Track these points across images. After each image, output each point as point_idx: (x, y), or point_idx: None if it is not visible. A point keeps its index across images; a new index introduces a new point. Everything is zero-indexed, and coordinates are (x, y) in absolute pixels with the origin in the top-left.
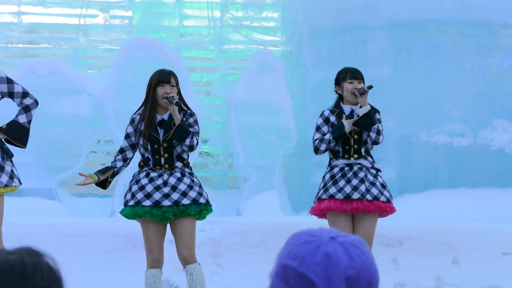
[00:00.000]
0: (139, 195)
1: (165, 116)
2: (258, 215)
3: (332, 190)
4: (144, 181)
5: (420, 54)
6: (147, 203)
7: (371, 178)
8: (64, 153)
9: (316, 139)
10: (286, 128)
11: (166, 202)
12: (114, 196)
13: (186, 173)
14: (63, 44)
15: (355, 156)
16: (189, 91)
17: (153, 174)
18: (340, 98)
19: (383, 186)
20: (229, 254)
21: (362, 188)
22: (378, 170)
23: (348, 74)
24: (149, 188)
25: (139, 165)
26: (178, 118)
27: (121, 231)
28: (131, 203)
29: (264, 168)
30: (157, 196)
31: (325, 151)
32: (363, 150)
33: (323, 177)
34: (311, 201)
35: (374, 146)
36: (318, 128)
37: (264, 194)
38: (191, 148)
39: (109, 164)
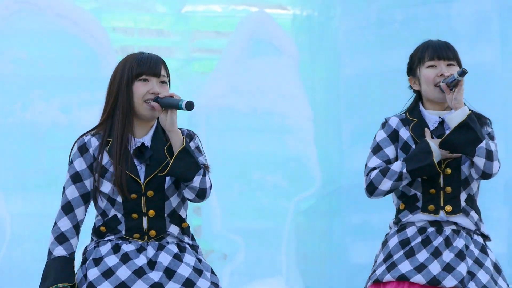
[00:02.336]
0: (105, 287)
1: (146, 139)
2: None
3: (405, 267)
4: (112, 260)
5: None
6: None
7: (476, 252)
8: None
9: (373, 169)
10: (302, 160)
11: None
12: None
13: (187, 245)
14: None
15: (448, 208)
16: None
17: (126, 247)
18: (419, 98)
19: (497, 269)
20: None
21: (462, 269)
22: (486, 238)
23: (427, 52)
24: (124, 272)
25: (97, 231)
26: (179, 135)
27: None
28: None
29: (261, 235)
30: None
31: (387, 192)
32: (462, 197)
33: (384, 243)
34: None
35: (477, 189)
36: (377, 148)
37: (260, 284)
38: (203, 194)
39: (59, 253)
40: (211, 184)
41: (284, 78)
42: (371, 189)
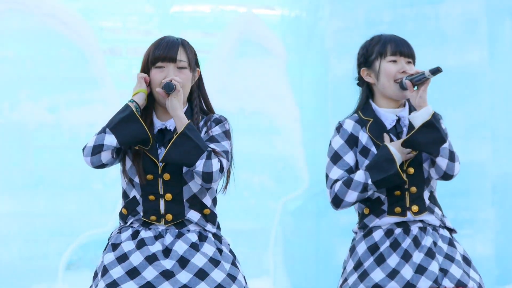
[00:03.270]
0: (117, 272)
1: (170, 123)
2: None
3: (377, 275)
4: (128, 245)
5: None
6: (132, 286)
7: (445, 247)
8: None
9: (336, 181)
10: (289, 160)
11: (167, 287)
12: None
13: (209, 234)
14: None
15: (415, 208)
16: (108, 92)
17: (144, 234)
18: (369, 92)
19: (467, 261)
20: None
21: (434, 267)
22: (452, 231)
23: (389, 46)
24: (137, 258)
25: (120, 214)
26: (181, 120)
27: None
28: (102, 285)
29: (248, 235)
30: (149, 274)
31: (353, 203)
32: (426, 195)
33: (351, 249)
34: None
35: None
36: (336, 157)
37: (247, 284)
38: (208, 178)
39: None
40: (220, 167)
41: (272, 79)
42: (337, 202)
